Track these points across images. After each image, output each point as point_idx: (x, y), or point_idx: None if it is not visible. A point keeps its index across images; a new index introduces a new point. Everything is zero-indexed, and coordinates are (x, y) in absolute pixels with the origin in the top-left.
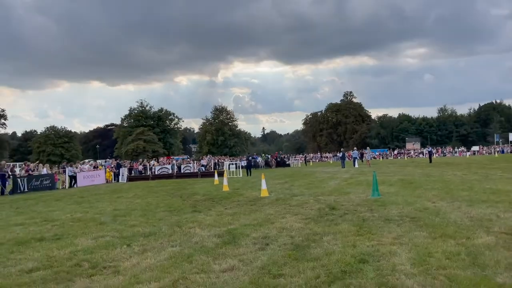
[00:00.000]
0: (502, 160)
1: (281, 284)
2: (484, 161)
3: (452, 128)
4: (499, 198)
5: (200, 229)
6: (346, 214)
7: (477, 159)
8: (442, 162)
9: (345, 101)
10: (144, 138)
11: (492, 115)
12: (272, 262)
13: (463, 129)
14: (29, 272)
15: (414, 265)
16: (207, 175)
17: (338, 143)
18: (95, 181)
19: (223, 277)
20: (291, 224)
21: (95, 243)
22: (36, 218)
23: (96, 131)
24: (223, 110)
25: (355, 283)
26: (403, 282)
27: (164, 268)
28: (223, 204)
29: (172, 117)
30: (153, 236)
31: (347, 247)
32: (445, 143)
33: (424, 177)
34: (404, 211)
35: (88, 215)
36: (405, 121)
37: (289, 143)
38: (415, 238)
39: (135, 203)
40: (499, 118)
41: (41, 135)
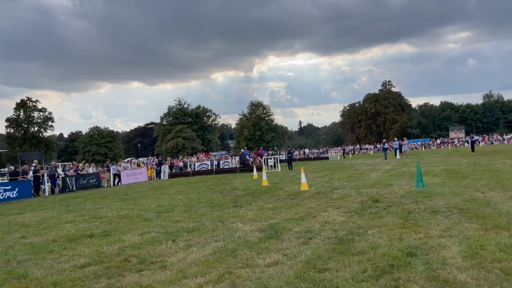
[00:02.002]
0: None
1: (327, 279)
2: None
3: (499, 115)
4: None
5: (242, 224)
6: (390, 206)
7: None
8: (489, 150)
9: (384, 91)
10: (183, 136)
11: None
12: (317, 256)
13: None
14: (81, 268)
15: (466, 258)
16: (245, 170)
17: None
18: (138, 178)
19: (268, 272)
20: (334, 217)
21: (141, 239)
22: (85, 215)
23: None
24: (259, 105)
25: (404, 277)
26: (455, 276)
27: (209, 263)
28: (263, 199)
29: (210, 114)
30: (197, 231)
31: (393, 240)
32: (491, 131)
33: (471, 166)
34: (451, 202)
35: (133, 211)
36: (448, 109)
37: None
38: (465, 230)
39: (178, 199)
40: None
41: (86, 136)
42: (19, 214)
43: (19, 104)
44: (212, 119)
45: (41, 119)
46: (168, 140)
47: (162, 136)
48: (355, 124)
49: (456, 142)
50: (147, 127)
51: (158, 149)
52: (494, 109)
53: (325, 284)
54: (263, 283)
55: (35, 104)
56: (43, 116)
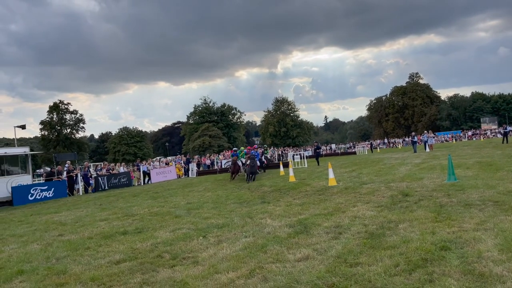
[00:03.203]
0: None
1: (359, 273)
2: None
3: None
4: None
5: (271, 219)
6: (421, 200)
7: None
8: None
9: (411, 83)
10: (209, 134)
11: None
12: (347, 251)
13: None
14: (117, 264)
15: (502, 251)
16: (271, 167)
17: (406, 127)
18: (167, 177)
19: (298, 266)
20: (363, 212)
21: (173, 235)
22: (118, 213)
23: (164, 129)
24: (284, 101)
25: (438, 271)
26: (492, 269)
27: (240, 258)
28: (291, 195)
29: (235, 112)
30: (227, 227)
31: (426, 234)
32: None
33: (505, 158)
34: (485, 195)
35: (164, 209)
36: (479, 99)
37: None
38: (500, 223)
39: (206, 196)
40: None
41: (116, 136)
42: (55, 213)
43: (52, 107)
44: (237, 117)
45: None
46: (195, 138)
47: (189, 135)
48: (382, 118)
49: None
50: (174, 126)
51: (185, 147)
52: None
53: (357, 278)
54: (294, 277)
55: (67, 106)
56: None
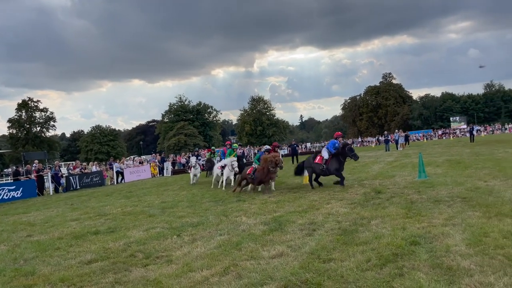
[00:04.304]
0: None
1: (331, 268)
2: None
3: (501, 104)
4: None
5: (246, 217)
6: (393, 197)
7: None
8: (491, 140)
9: (384, 83)
10: (184, 132)
11: None
12: (321, 247)
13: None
14: (88, 264)
15: (470, 245)
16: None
17: (379, 127)
18: (141, 176)
19: (273, 263)
20: (337, 209)
21: (146, 235)
22: (90, 213)
23: (138, 128)
24: (260, 100)
25: (408, 265)
26: (459, 263)
27: (215, 256)
28: (266, 193)
29: (211, 110)
30: (201, 225)
31: (397, 230)
32: (493, 120)
33: (473, 156)
34: (454, 191)
35: (137, 208)
36: (449, 99)
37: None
38: (468, 218)
39: (181, 195)
40: None
41: (88, 135)
42: (24, 213)
43: (21, 105)
44: (213, 115)
45: (43, 119)
46: (170, 137)
47: (164, 134)
48: (356, 117)
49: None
50: (149, 125)
51: (160, 146)
52: (495, 98)
53: (330, 273)
54: (268, 274)
55: (37, 104)
56: (45, 116)
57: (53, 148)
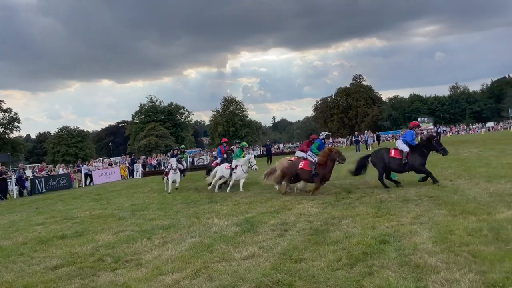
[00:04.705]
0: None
1: (303, 268)
2: (500, 137)
3: (465, 106)
4: None
5: (218, 219)
6: (363, 197)
7: (492, 135)
8: (456, 140)
9: (355, 85)
10: (155, 133)
11: (505, 89)
12: (293, 247)
13: (477, 105)
14: (53, 269)
15: (436, 243)
16: None
17: (350, 127)
18: (111, 178)
19: (244, 265)
20: (309, 209)
21: (116, 238)
22: (56, 217)
23: (108, 129)
24: (232, 101)
25: (378, 263)
26: (426, 260)
27: (186, 258)
28: (239, 194)
29: (182, 111)
30: (172, 228)
31: (367, 229)
32: (458, 121)
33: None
34: (421, 190)
35: (106, 211)
36: (417, 101)
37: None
38: (435, 216)
39: (152, 197)
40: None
41: (55, 136)
42: None
43: None
44: (185, 116)
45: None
46: (141, 138)
47: (134, 135)
48: (327, 118)
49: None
50: (119, 126)
51: (130, 147)
52: (460, 100)
53: (301, 274)
54: (239, 276)
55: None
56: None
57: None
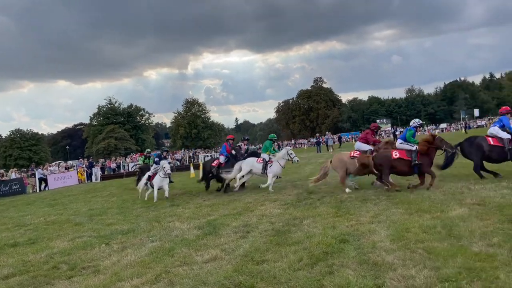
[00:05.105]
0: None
1: (265, 270)
2: (452, 138)
3: (420, 108)
4: (469, 171)
5: (180, 222)
6: (324, 197)
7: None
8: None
9: (316, 87)
10: (115, 136)
11: (457, 92)
12: (254, 249)
13: (431, 107)
14: (5, 279)
15: (393, 241)
16: (182, 169)
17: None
18: (67, 182)
19: (206, 268)
20: (271, 210)
21: (72, 245)
22: (7, 223)
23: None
24: (194, 103)
25: (338, 262)
26: (384, 258)
27: (146, 263)
28: (201, 197)
29: (143, 113)
30: (132, 232)
31: (327, 229)
32: None
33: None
34: (379, 190)
35: (62, 217)
36: (375, 103)
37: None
38: (392, 215)
39: (111, 202)
40: (464, 95)
41: (6, 139)
42: None
43: None
44: (146, 118)
45: None
46: (99, 141)
47: (93, 137)
48: (289, 120)
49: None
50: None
51: (88, 150)
52: (416, 102)
53: (263, 275)
54: (201, 279)
55: None
56: None
57: None
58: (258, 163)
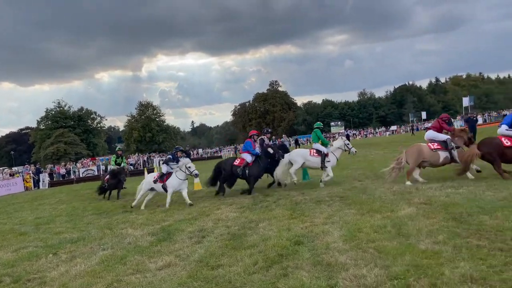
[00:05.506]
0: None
1: (220, 275)
2: (402, 139)
3: (372, 110)
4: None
5: (133, 229)
6: (280, 199)
7: (396, 138)
8: (364, 143)
9: (272, 90)
10: (64, 140)
11: (406, 96)
12: (210, 254)
13: (382, 110)
14: None
15: (346, 241)
16: (136, 173)
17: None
18: (12, 189)
19: (160, 275)
20: (227, 214)
21: (16, 256)
22: None
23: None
24: (148, 106)
25: (292, 265)
26: (337, 259)
27: (96, 273)
28: (155, 202)
29: (94, 116)
30: (82, 241)
31: (282, 231)
32: (366, 125)
33: (350, 158)
34: (333, 191)
35: (6, 226)
36: (329, 106)
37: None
38: (345, 216)
39: (60, 209)
40: (412, 99)
41: None
42: None
43: None
44: (98, 122)
45: None
46: (47, 146)
47: (40, 142)
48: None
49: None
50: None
51: (35, 156)
52: (367, 105)
53: (218, 280)
54: (154, 287)
55: None
56: None
57: None
58: (313, 156)
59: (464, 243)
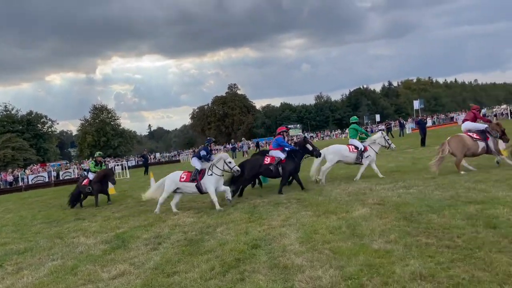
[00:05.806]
0: None
1: (175, 282)
2: None
3: (328, 113)
4: (371, 173)
5: (85, 237)
6: (238, 203)
7: None
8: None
9: (230, 93)
10: (12, 146)
11: (360, 99)
12: (166, 260)
13: (338, 113)
14: None
15: (302, 243)
16: None
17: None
18: None
19: (113, 284)
20: (184, 219)
21: None
22: None
23: None
24: (103, 109)
25: (249, 269)
26: (293, 261)
27: (44, 285)
28: (109, 209)
29: (45, 120)
30: (29, 252)
31: (240, 235)
32: (323, 128)
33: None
34: (291, 194)
35: None
36: (287, 109)
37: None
38: (302, 218)
39: (6, 219)
40: (366, 102)
41: None
42: None
43: None
44: (48, 126)
45: None
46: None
47: None
48: (205, 126)
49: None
50: None
51: None
52: (324, 108)
53: (173, 287)
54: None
55: None
56: None
57: None
58: (352, 152)
59: (414, 242)
